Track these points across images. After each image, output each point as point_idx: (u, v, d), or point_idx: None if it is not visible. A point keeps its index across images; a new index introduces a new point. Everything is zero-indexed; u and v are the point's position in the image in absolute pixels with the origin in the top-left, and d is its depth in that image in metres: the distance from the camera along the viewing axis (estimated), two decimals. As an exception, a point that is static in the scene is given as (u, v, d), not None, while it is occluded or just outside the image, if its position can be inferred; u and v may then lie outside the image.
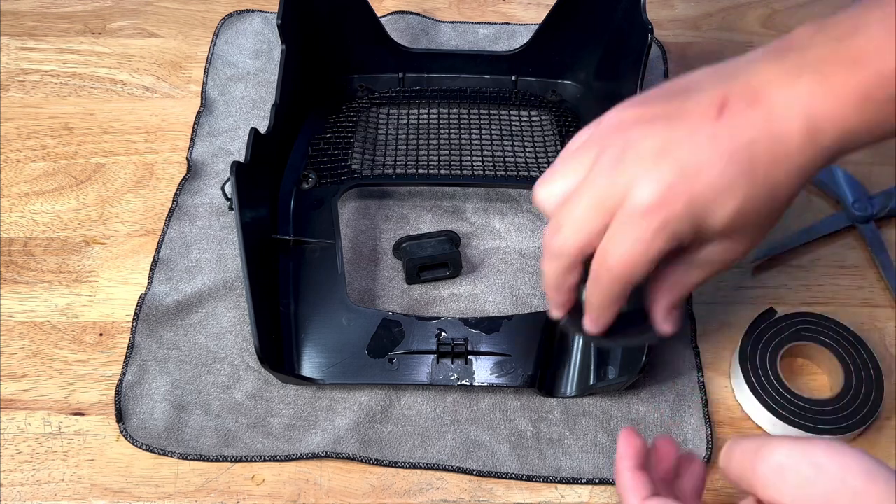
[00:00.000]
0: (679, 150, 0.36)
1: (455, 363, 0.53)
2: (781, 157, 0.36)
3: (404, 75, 0.70)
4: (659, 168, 0.36)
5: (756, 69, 0.37)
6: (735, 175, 0.36)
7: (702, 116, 0.36)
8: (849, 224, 0.61)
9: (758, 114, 0.36)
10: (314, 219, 0.60)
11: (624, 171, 0.36)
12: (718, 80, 0.38)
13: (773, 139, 0.36)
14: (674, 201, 0.36)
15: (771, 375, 0.52)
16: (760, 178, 0.36)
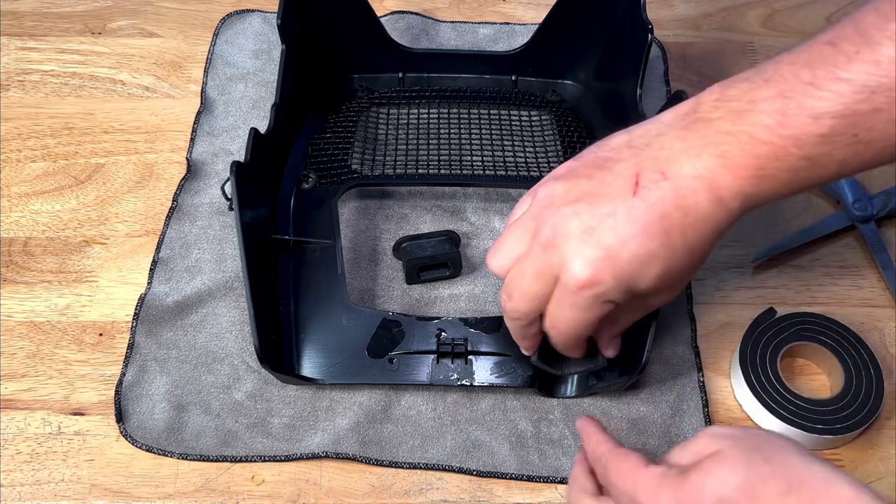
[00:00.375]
0: (602, 228, 0.40)
1: (455, 363, 0.53)
2: (693, 224, 0.40)
3: (404, 75, 0.70)
4: (587, 247, 0.40)
5: (664, 143, 0.41)
6: (654, 247, 0.40)
7: (620, 195, 0.40)
8: (849, 224, 0.61)
9: (667, 189, 0.40)
10: (314, 219, 0.60)
11: (557, 249, 0.41)
12: (632, 153, 0.42)
13: (683, 210, 0.40)
14: (602, 277, 0.40)
15: (771, 375, 0.52)
16: (678, 244, 0.40)
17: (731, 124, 0.39)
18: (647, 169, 0.40)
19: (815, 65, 0.37)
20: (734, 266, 0.60)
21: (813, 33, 0.39)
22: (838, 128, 0.36)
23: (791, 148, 0.38)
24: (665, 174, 0.40)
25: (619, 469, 0.40)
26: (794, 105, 0.37)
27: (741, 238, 0.61)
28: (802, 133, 0.37)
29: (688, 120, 0.41)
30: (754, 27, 0.76)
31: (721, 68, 0.73)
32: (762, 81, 0.39)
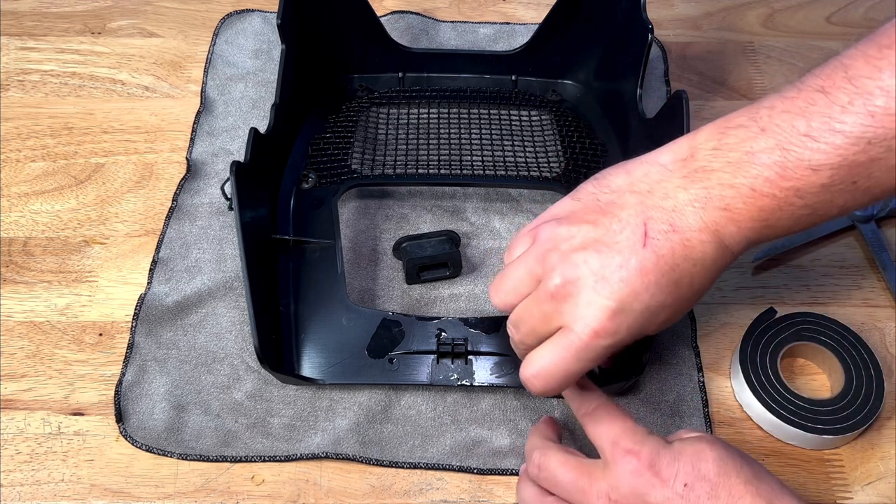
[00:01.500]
0: (615, 280, 0.40)
1: (455, 363, 0.53)
2: (701, 272, 0.41)
3: (404, 75, 0.70)
4: (601, 298, 0.40)
5: (668, 191, 0.41)
6: (664, 296, 0.41)
7: (629, 246, 0.41)
8: (849, 224, 0.61)
9: (676, 241, 0.41)
10: (314, 219, 0.60)
11: (569, 299, 0.41)
12: (637, 202, 0.42)
13: (692, 261, 0.41)
14: (618, 329, 0.41)
15: (771, 375, 0.52)
16: (686, 292, 0.42)
17: (732, 177, 0.40)
18: (654, 219, 0.41)
19: (810, 115, 0.38)
20: (734, 266, 0.60)
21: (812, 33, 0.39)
22: (837, 178, 0.37)
23: (793, 199, 0.39)
24: (674, 226, 0.41)
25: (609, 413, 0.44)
26: (793, 157, 0.38)
27: (741, 238, 0.61)
28: (803, 184, 0.38)
29: (688, 169, 0.41)
30: (754, 27, 0.76)
31: (721, 68, 0.73)
32: (759, 130, 0.39)
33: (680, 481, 0.40)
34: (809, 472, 0.51)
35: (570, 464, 0.44)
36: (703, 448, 0.41)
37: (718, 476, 0.40)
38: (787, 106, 0.39)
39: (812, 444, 0.51)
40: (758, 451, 0.51)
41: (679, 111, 0.51)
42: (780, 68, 0.73)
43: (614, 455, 0.41)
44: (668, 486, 0.40)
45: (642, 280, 0.40)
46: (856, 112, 0.36)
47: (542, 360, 0.42)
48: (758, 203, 0.39)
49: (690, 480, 0.40)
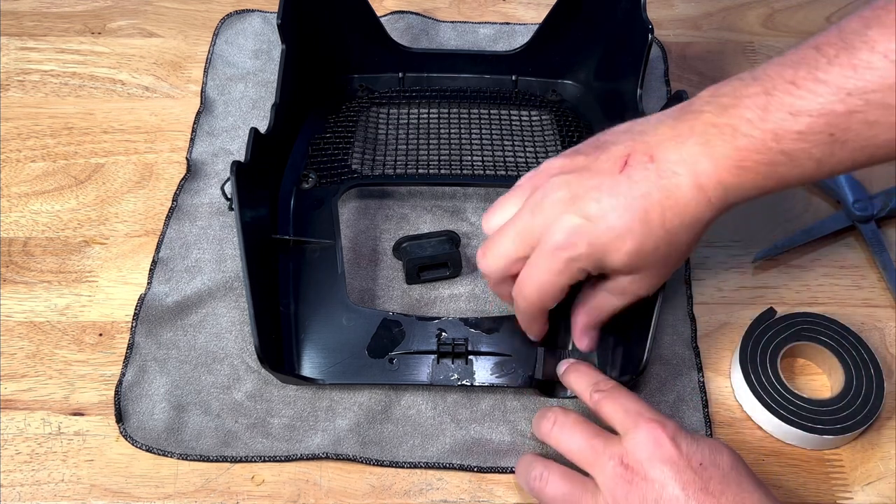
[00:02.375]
0: (586, 198, 0.43)
1: (455, 363, 0.53)
2: (673, 206, 0.42)
3: (404, 75, 0.70)
4: (569, 213, 0.43)
5: (658, 129, 0.43)
6: (630, 221, 0.42)
7: (608, 171, 0.43)
8: (849, 224, 0.61)
9: (651, 170, 0.42)
10: (314, 219, 0.60)
11: (541, 213, 0.44)
12: (629, 138, 0.44)
13: (664, 191, 0.41)
14: (578, 242, 0.43)
15: (771, 375, 0.52)
16: (655, 224, 0.42)
17: (717, 117, 0.41)
18: (637, 151, 0.43)
19: (798, 66, 0.39)
20: (734, 266, 0.60)
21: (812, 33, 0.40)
22: (815, 126, 0.38)
23: (770, 142, 0.39)
24: (652, 157, 0.42)
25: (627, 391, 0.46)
26: (775, 102, 0.39)
27: (741, 238, 0.61)
28: (780, 128, 0.39)
29: (681, 111, 0.43)
30: (754, 27, 0.76)
31: (721, 68, 0.73)
32: (751, 80, 0.41)
33: (696, 460, 0.40)
34: (809, 472, 0.51)
35: (587, 425, 0.45)
36: (721, 445, 0.42)
37: (732, 469, 0.41)
38: (782, 60, 0.40)
39: (812, 444, 0.51)
40: (758, 451, 0.51)
41: None
42: (780, 68, 0.73)
43: (638, 423, 0.42)
44: (685, 459, 0.40)
45: (611, 200, 0.42)
46: (840, 64, 0.37)
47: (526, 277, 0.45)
48: (736, 142, 0.40)
49: (706, 463, 0.41)
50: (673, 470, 0.40)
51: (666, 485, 0.40)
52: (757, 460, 0.51)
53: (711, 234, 0.61)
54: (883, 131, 0.37)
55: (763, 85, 0.40)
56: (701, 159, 0.41)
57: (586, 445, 0.43)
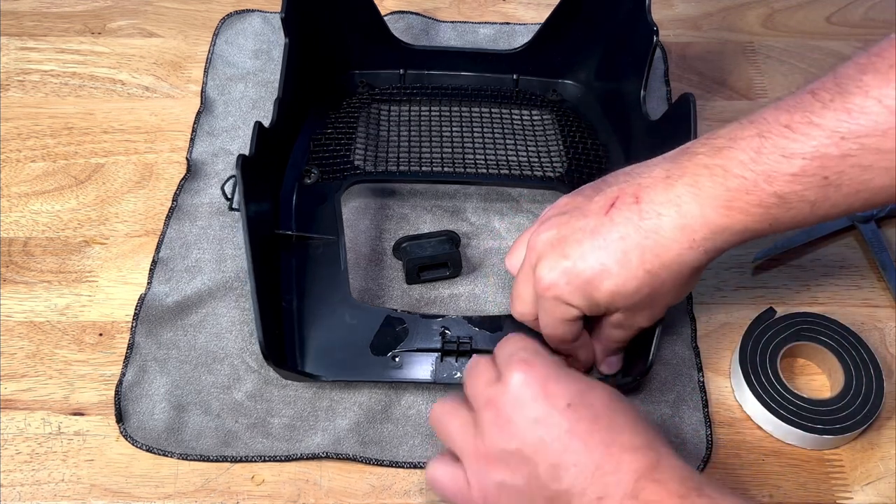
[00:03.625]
0: (570, 240, 0.44)
1: (459, 361, 0.53)
2: (653, 248, 0.42)
3: (405, 72, 0.70)
4: (554, 254, 0.45)
5: (652, 171, 0.44)
6: (608, 262, 0.43)
7: (596, 212, 0.44)
8: (849, 224, 0.61)
9: (634, 210, 0.43)
10: (317, 214, 0.60)
11: (534, 254, 0.46)
12: (625, 179, 0.45)
13: (643, 232, 0.42)
14: (559, 282, 0.44)
15: (771, 375, 0.52)
16: (634, 265, 0.43)
17: (710, 158, 0.41)
18: (625, 193, 0.44)
19: (794, 111, 0.39)
20: (734, 266, 0.60)
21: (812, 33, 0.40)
22: (808, 168, 0.38)
23: (762, 183, 0.39)
24: (638, 198, 0.43)
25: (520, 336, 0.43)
26: (769, 144, 0.39)
27: (741, 238, 0.61)
28: (773, 170, 0.39)
29: (678, 154, 0.44)
30: (754, 27, 0.76)
31: (721, 68, 0.73)
32: (747, 123, 0.41)
33: (563, 400, 0.39)
34: (809, 472, 0.51)
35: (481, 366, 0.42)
36: (597, 384, 0.41)
37: (606, 409, 0.39)
38: (778, 105, 0.40)
39: (812, 444, 0.51)
40: (758, 451, 0.51)
41: (686, 114, 0.51)
42: (780, 68, 0.73)
43: (509, 366, 0.40)
44: (551, 401, 0.39)
45: (592, 241, 0.43)
46: (834, 108, 0.38)
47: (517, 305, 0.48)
48: (726, 183, 0.40)
49: (575, 402, 0.39)
50: (537, 412, 0.38)
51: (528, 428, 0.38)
52: (757, 460, 0.51)
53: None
54: (877, 175, 0.38)
55: (758, 128, 0.40)
56: (688, 199, 0.41)
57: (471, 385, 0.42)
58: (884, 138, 0.37)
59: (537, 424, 0.38)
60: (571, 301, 0.45)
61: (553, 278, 0.44)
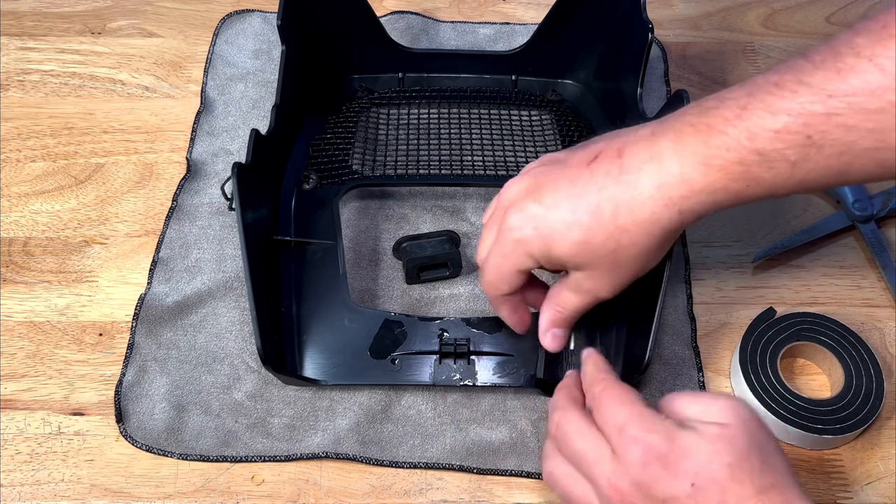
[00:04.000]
0: (546, 187, 0.44)
1: (457, 363, 0.53)
2: (629, 203, 0.41)
3: (404, 75, 0.69)
4: (528, 200, 0.44)
5: (639, 131, 0.43)
6: (581, 212, 0.42)
7: (576, 164, 0.44)
8: (849, 224, 0.61)
9: (616, 164, 0.42)
10: (315, 219, 0.60)
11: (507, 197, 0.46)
12: (611, 137, 0.44)
13: (621, 185, 0.41)
14: (526, 226, 0.44)
15: (771, 375, 0.52)
16: (606, 218, 0.42)
17: (697, 117, 0.41)
18: (609, 148, 0.43)
19: (785, 72, 0.39)
20: (734, 266, 0.60)
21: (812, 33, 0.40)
22: (792, 126, 0.38)
23: (743, 140, 0.39)
24: (621, 153, 0.42)
25: (617, 395, 0.41)
26: (755, 101, 0.39)
27: (741, 238, 0.61)
28: (757, 126, 0.38)
29: (668, 116, 0.43)
30: (754, 27, 0.76)
31: (721, 68, 0.73)
32: (739, 86, 0.41)
33: (688, 480, 0.37)
34: (809, 472, 0.51)
35: (585, 434, 0.41)
36: (721, 448, 0.37)
37: (731, 481, 0.36)
38: (772, 68, 0.40)
39: (812, 444, 0.51)
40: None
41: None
42: (779, 68, 0.73)
43: (621, 443, 0.39)
44: (676, 481, 0.37)
45: (568, 190, 0.43)
46: (825, 68, 0.37)
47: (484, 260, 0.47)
48: (709, 139, 0.40)
49: (700, 481, 0.37)
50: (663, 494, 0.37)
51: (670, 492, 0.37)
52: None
53: (711, 233, 0.61)
54: (861, 137, 0.37)
55: (748, 88, 0.40)
56: (670, 156, 0.40)
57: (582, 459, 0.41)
58: (871, 97, 0.36)
59: None
60: (533, 248, 0.44)
61: (521, 221, 0.44)
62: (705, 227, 0.62)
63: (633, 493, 0.38)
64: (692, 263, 0.60)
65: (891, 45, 0.36)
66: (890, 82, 0.36)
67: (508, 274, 0.46)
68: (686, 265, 0.60)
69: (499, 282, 0.47)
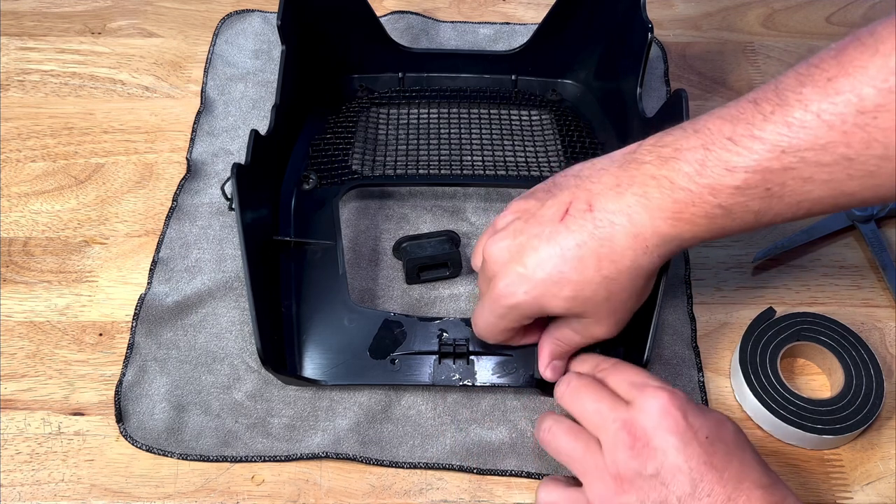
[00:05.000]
0: (527, 248, 0.45)
1: (457, 363, 0.53)
2: (608, 255, 0.43)
3: (404, 75, 0.69)
4: (512, 262, 0.45)
5: (602, 178, 0.44)
6: (566, 269, 0.43)
7: (550, 219, 0.45)
8: (849, 224, 0.61)
9: (589, 219, 0.43)
10: (315, 220, 0.60)
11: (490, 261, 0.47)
12: (575, 184, 0.45)
13: (598, 240, 0.43)
14: (517, 291, 0.45)
15: (771, 375, 0.52)
16: (590, 271, 0.43)
17: (657, 168, 0.42)
18: (578, 199, 0.44)
19: (737, 122, 0.40)
20: (734, 266, 0.60)
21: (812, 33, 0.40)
22: (751, 181, 0.39)
23: (707, 196, 0.40)
24: (591, 205, 0.43)
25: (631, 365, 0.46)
26: (713, 157, 0.40)
27: (741, 238, 0.61)
28: (718, 183, 0.40)
29: (626, 160, 0.44)
30: (754, 27, 0.76)
31: (721, 68, 0.73)
32: (692, 132, 0.41)
33: (703, 433, 0.40)
34: (809, 472, 0.51)
35: (598, 388, 0.45)
36: (725, 419, 0.43)
37: (735, 444, 0.41)
38: (722, 113, 0.41)
39: (812, 444, 0.51)
40: (758, 450, 0.51)
41: (678, 110, 0.51)
42: (779, 68, 0.73)
43: (644, 391, 0.42)
44: (692, 431, 0.40)
45: (549, 249, 0.44)
46: (775, 121, 0.38)
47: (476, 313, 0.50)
48: (674, 195, 0.41)
49: (712, 436, 0.41)
50: (679, 440, 0.40)
51: (668, 454, 0.40)
52: None
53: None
54: (817, 187, 0.38)
55: (702, 139, 0.40)
56: (638, 210, 0.42)
57: (593, 409, 0.44)
58: (823, 152, 0.37)
59: (678, 452, 0.40)
60: (526, 311, 0.46)
61: (510, 287, 0.45)
62: (705, 227, 0.62)
63: (646, 437, 0.41)
64: (692, 263, 0.60)
65: (837, 101, 0.36)
66: (839, 137, 0.36)
67: (503, 332, 0.49)
68: (686, 265, 0.60)
69: (494, 337, 0.50)
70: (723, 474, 0.39)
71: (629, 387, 0.43)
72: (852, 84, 0.36)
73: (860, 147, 0.36)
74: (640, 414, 0.41)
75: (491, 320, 0.48)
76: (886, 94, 0.35)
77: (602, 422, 0.43)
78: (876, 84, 0.35)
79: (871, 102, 0.35)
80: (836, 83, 0.36)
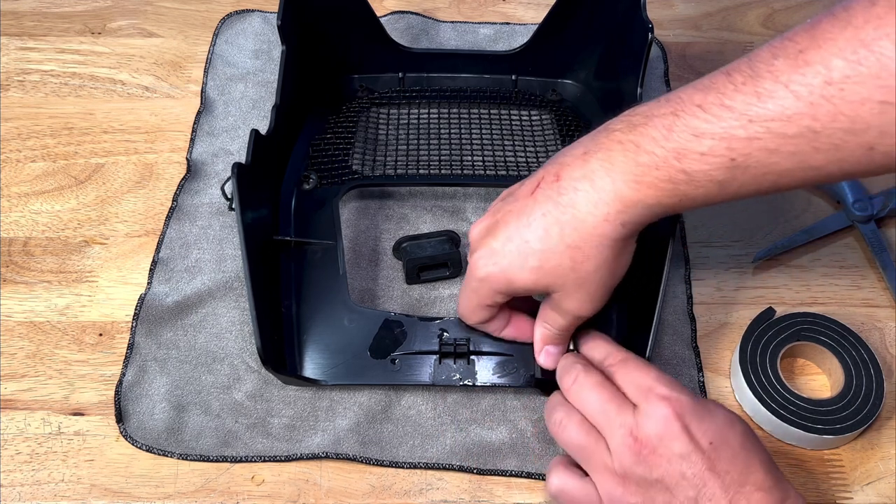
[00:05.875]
0: (501, 225, 0.46)
1: (457, 363, 0.53)
2: (571, 222, 0.43)
3: (404, 75, 0.69)
4: (488, 238, 0.46)
5: (574, 149, 0.45)
6: (531, 239, 0.44)
7: (524, 195, 0.45)
8: (849, 224, 0.61)
9: (555, 188, 0.44)
10: (315, 220, 0.60)
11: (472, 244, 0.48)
12: (552, 161, 0.46)
13: (561, 207, 0.43)
14: (488, 265, 0.46)
15: (771, 375, 0.52)
16: (554, 240, 0.43)
17: (625, 135, 0.42)
18: (549, 172, 0.45)
19: (708, 91, 0.40)
20: (734, 266, 0.60)
21: None
22: (716, 149, 0.39)
23: (671, 160, 0.40)
24: (559, 176, 0.44)
25: (641, 363, 0.45)
26: (681, 123, 0.40)
27: (741, 238, 0.61)
28: (683, 148, 0.40)
29: (598, 131, 0.44)
30: (754, 27, 0.76)
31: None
32: (664, 101, 0.42)
33: (706, 439, 0.41)
34: (809, 472, 0.51)
35: (606, 388, 0.44)
36: (734, 420, 0.43)
37: (741, 447, 0.41)
38: (696, 84, 0.41)
39: (812, 444, 0.51)
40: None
41: None
42: (780, 68, 0.73)
43: (648, 398, 0.42)
44: (694, 440, 0.41)
45: (517, 221, 0.45)
46: (745, 91, 0.38)
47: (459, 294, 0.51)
48: (638, 158, 0.41)
49: (716, 441, 0.41)
50: (682, 449, 0.40)
51: (672, 461, 0.40)
52: None
53: (711, 233, 0.61)
54: (783, 159, 0.38)
55: (673, 106, 0.41)
56: (601, 174, 0.42)
57: (600, 409, 0.44)
58: (788, 123, 0.37)
59: (681, 460, 0.40)
60: (496, 284, 0.46)
61: (483, 260, 0.46)
62: (705, 227, 0.62)
63: (651, 445, 0.41)
64: (692, 263, 0.60)
65: (806, 72, 0.36)
66: (805, 108, 0.36)
67: (478, 308, 0.49)
68: (686, 265, 0.60)
69: (471, 315, 0.50)
70: (725, 478, 0.40)
71: (635, 390, 0.43)
72: (822, 56, 0.36)
73: (826, 119, 0.36)
74: (645, 421, 0.41)
75: (465, 295, 0.49)
76: (854, 65, 0.35)
77: (608, 424, 0.43)
78: (845, 56, 0.35)
79: (838, 73, 0.35)
80: (807, 55, 0.36)
